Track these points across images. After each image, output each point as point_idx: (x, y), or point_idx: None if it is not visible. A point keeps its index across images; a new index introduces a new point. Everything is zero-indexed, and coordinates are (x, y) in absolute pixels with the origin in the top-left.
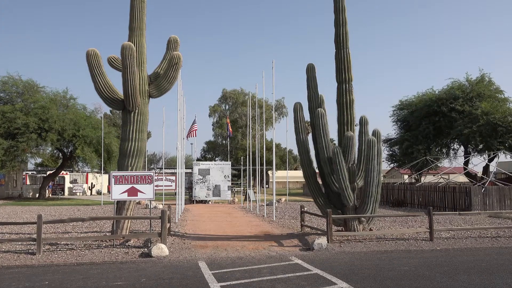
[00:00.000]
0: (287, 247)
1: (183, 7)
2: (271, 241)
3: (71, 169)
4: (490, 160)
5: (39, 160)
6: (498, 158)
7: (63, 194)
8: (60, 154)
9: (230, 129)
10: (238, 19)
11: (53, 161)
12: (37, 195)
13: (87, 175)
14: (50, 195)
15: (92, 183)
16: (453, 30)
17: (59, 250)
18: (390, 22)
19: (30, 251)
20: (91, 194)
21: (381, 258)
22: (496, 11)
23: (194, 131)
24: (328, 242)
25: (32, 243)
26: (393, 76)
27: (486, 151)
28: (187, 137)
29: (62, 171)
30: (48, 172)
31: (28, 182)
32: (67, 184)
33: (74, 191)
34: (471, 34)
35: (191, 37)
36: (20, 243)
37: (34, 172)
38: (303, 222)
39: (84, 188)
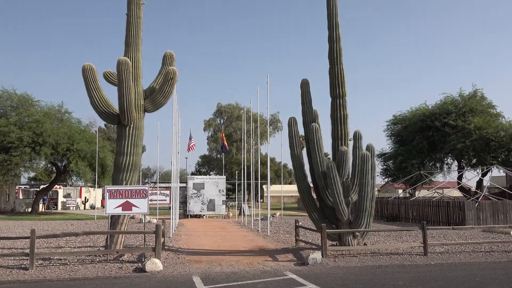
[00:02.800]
0: (281, 261)
1: (179, 22)
2: (266, 256)
3: (65, 183)
4: (484, 175)
5: (32, 174)
6: (491, 172)
7: (56, 209)
8: (54, 168)
9: (225, 143)
10: (234, 34)
11: (47, 175)
12: (29, 209)
13: (80, 190)
14: (45, 210)
15: (85, 198)
16: (446, 45)
17: (52, 265)
18: (385, 38)
19: (22, 266)
20: (84, 208)
21: (375, 273)
22: (488, 26)
23: (192, 146)
24: (322, 256)
25: (25, 258)
26: (387, 91)
27: (480, 166)
28: (188, 150)
29: (56, 185)
30: (42, 186)
31: (21, 197)
32: (60, 199)
33: (67, 205)
34: (463, 49)
35: (186, 52)
36: (12, 258)
37: (27, 186)
38: (297, 237)
39: (77, 203)
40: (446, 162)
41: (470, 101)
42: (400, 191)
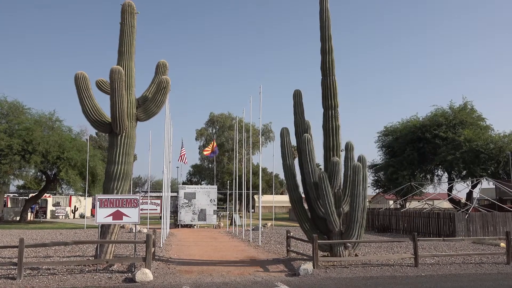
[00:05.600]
0: (272, 272)
1: (172, 31)
2: (257, 266)
3: (54, 191)
4: (474, 187)
5: (21, 182)
6: (481, 184)
7: (45, 218)
8: (44, 176)
9: (213, 147)
10: (227, 43)
11: (36, 184)
12: (18, 218)
13: (70, 198)
14: (33, 218)
15: (75, 206)
16: (437, 58)
17: (41, 275)
18: (376, 49)
19: (10, 275)
20: (74, 217)
21: (366, 284)
22: (479, 39)
23: (183, 155)
24: (314, 267)
25: (12, 267)
26: (378, 103)
27: (469, 178)
28: (184, 161)
29: (45, 194)
30: (31, 195)
31: (9, 205)
32: (50, 207)
33: (56, 214)
34: (454, 62)
35: (179, 61)
36: (0, 267)
37: (16, 194)
38: (289, 247)
39: (67, 211)
40: (436, 173)
41: (460, 114)
42: (391, 202)
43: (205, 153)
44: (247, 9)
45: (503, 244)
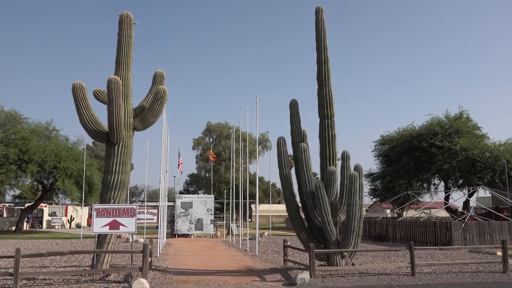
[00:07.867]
0: (269, 282)
1: (170, 41)
2: (254, 276)
3: (51, 201)
4: (470, 195)
5: (17, 191)
6: (478, 193)
7: (41, 227)
8: (40, 186)
9: (211, 156)
10: (225, 53)
11: (32, 193)
12: (14, 228)
13: (66, 208)
14: (29, 228)
15: (71, 216)
16: (433, 67)
17: (37, 285)
18: (372, 59)
19: (6, 286)
20: (70, 227)
21: None
22: (475, 49)
23: (179, 165)
24: (311, 277)
25: (8, 277)
26: (374, 112)
27: (466, 186)
28: (179, 170)
29: (41, 203)
30: (27, 204)
31: (5, 215)
32: (46, 217)
33: (52, 224)
34: (450, 71)
35: (177, 70)
36: None
37: (12, 204)
38: (286, 257)
39: (63, 221)
40: (433, 182)
41: (456, 123)
42: (388, 211)
43: (211, 158)
44: (244, 20)
45: (499, 253)
